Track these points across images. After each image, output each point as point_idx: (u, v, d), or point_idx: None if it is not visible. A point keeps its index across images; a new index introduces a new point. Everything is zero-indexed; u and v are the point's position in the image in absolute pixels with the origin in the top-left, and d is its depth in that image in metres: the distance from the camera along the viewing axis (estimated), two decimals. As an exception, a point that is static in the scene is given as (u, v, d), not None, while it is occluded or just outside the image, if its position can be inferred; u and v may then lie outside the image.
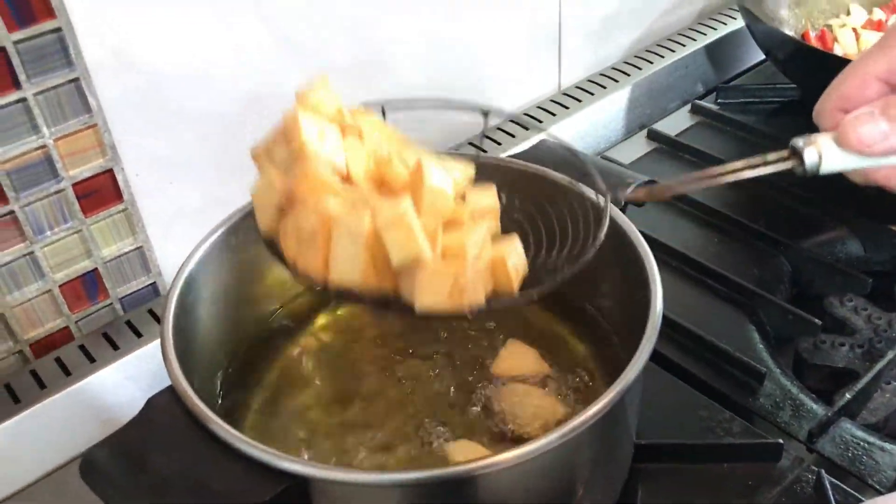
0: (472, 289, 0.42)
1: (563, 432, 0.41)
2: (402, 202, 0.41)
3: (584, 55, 0.96)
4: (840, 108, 0.46)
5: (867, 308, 0.70)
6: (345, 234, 0.41)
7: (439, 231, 0.43)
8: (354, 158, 0.45)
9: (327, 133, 0.45)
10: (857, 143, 0.42)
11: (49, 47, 0.57)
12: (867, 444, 0.58)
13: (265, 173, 0.45)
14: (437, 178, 0.43)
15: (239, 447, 0.41)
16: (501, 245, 0.46)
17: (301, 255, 0.43)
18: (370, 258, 0.41)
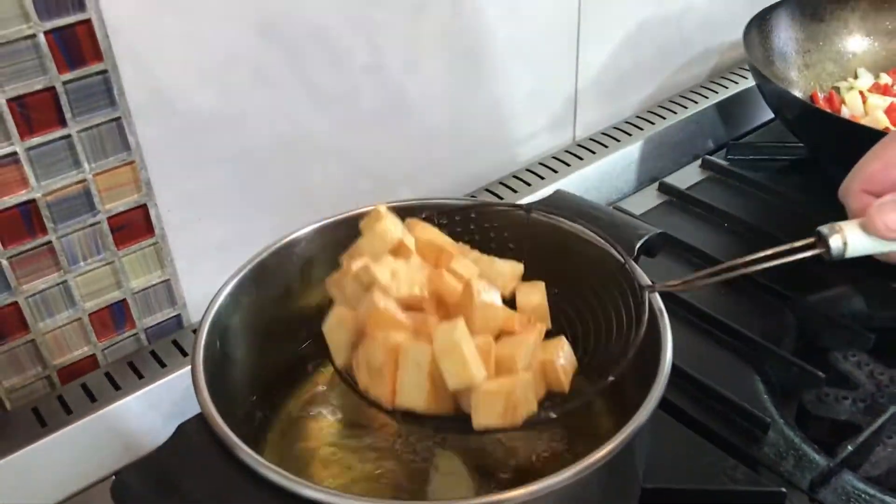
0: (525, 402, 0.46)
1: (573, 472, 0.42)
2: (457, 329, 0.45)
3: (599, 109, 0.99)
4: (865, 189, 0.49)
5: (870, 363, 0.71)
6: (412, 364, 0.45)
7: (492, 345, 0.47)
8: (411, 282, 0.49)
9: (390, 267, 0.49)
10: (884, 229, 0.45)
11: (95, 88, 0.61)
12: (868, 496, 0.59)
13: (336, 310, 0.50)
14: (486, 295, 0.48)
15: (265, 474, 0.43)
16: (550, 346, 0.49)
17: (372, 384, 0.47)
18: (432, 383, 0.46)
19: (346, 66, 0.74)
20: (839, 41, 1.02)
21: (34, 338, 0.65)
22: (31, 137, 0.59)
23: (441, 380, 0.45)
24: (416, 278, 0.50)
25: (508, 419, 0.45)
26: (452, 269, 0.50)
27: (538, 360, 0.48)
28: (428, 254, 0.52)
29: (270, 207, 0.74)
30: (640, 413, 0.46)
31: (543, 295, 0.52)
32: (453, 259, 0.51)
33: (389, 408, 0.47)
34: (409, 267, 0.50)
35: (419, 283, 0.50)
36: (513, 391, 0.45)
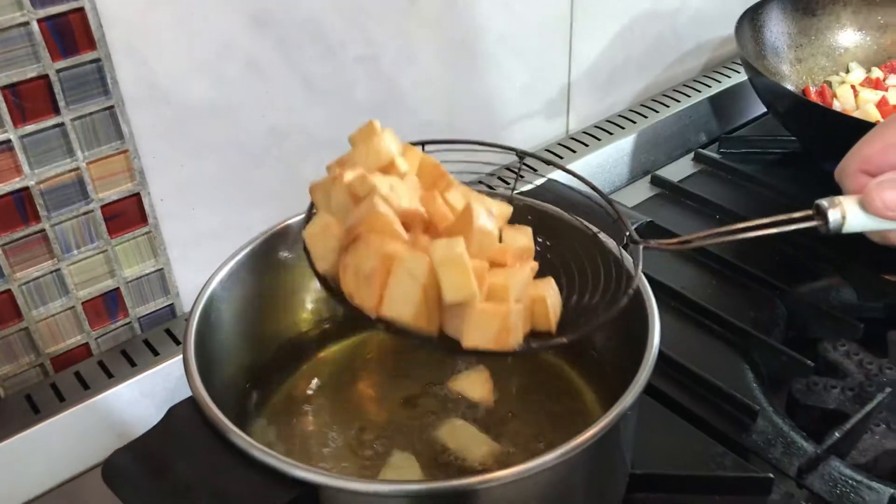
0: (516, 329, 0.45)
1: (559, 453, 0.43)
2: (459, 243, 0.43)
3: (592, 102, 1.00)
4: (862, 170, 0.49)
5: (859, 353, 0.72)
6: (405, 273, 0.44)
7: (487, 270, 0.46)
8: (409, 197, 0.47)
9: (387, 181, 0.47)
10: (882, 208, 0.45)
11: (88, 76, 0.61)
12: (855, 482, 0.60)
13: (321, 217, 0.48)
14: (485, 220, 0.46)
15: (255, 455, 0.43)
16: (541, 285, 0.48)
17: (358, 290, 0.45)
18: (424, 296, 0.44)
19: (340, 57, 0.74)
20: (831, 35, 1.03)
21: (27, 325, 0.65)
22: (24, 125, 0.59)
23: (432, 295, 0.44)
24: (413, 196, 0.48)
25: (501, 343, 0.44)
26: (446, 197, 0.49)
27: (528, 296, 0.47)
28: (423, 178, 0.50)
29: (264, 198, 0.75)
30: (627, 396, 0.46)
31: (530, 238, 0.51)
32: (450, 188, 0.50)
33: (373, 316, 0.45)
34: (405, 184, 0.48)
35: (416, 200, 0.48)
36: (508, 315, 0.44)
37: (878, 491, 0.59)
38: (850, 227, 0.46)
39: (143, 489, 0.44)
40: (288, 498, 0.42)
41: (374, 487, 0.43)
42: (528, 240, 0.51)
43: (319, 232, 0.47)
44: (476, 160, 0.57)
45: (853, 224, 0.46)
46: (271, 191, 0.75)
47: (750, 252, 0.82)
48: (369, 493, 0.43)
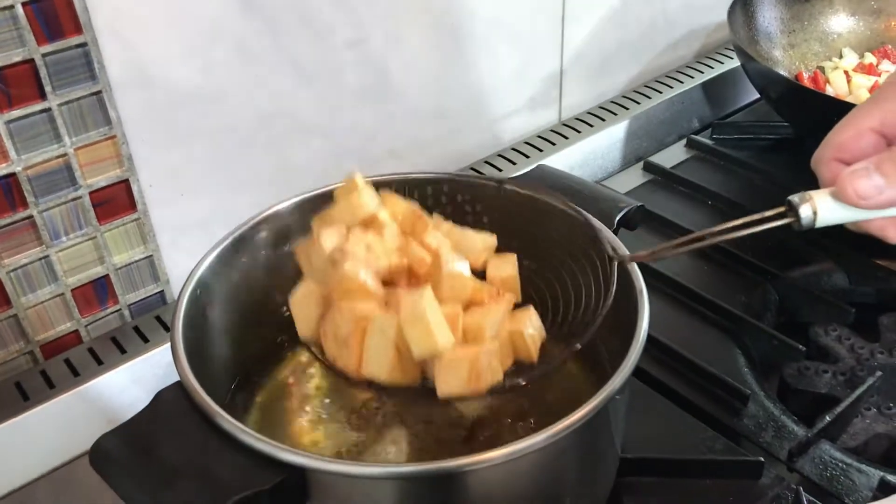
0: (490, 370, 0.46)
1: (548, 434, 0.43)
2: (421, 299, 0.45)
3: (585, 88, 0.99)
4: (836, 157, 0.49)
5: (850, 338, 0.72)
6: (377, 333, 0.46)
7: (459, 314, 0.47)
8: (387, 254, 0.49)
9: (364, 241, 0.49)
10: (854, 197, 0.45)
11: (74, 61, 0.60)
12: (845, 465, 0.60)
13: (304, 284, 0.50)
14: (455, 265, 0.48)
15: (242, 439, 0.43)
16: (518, 315, 0.50)
17: (339, 354, 0.47)
18: (397, 353, 0.46)
19: (329, 42, 0.74)
20: (824, 21, 1.03)
21: (16, 313, 0.65)
22: (10, 110, 0.59)
23: (407, 349, 0.45)
24: (391, 251, 0.50)
25: (472, 386, 0.45)
26: (424, 241, 0.50)
27: (507, 330, 0.49)
28: (402, 224, 0.52)
29: (253, 184, 0.74)
30: (615, 379, 0.46)
31: (514, 267, 0.53)
32: (427, 231, 0.51)
33: (356, 378, 0.47)
34: (383, 241, 0.50)
35: (394, 255, 0.50)
36: (477, 359, 0.45)
37: (868, 474, 0.59)
38: (822, 221, 0.46)
39: (130, 472, 0.43)
40: (275, 480, 0.42)
41: (361, 470, 0.43)
42: (513, 269, 0.53)
43: (302, 299, 0.49)
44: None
45: (826, 218, 0.46)
46: (260, 176, 0.75)
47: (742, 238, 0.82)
48: (357, 476, 0.43)
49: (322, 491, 0.43)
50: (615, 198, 0.64)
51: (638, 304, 0.52)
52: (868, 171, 0.45)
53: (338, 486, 0.43)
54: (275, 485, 0.42)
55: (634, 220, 0.63)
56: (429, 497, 0.44)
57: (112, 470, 0.44)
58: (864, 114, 0.48)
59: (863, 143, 0.48)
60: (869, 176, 0.44)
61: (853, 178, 0.45)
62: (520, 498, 0.46)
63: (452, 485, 0.44)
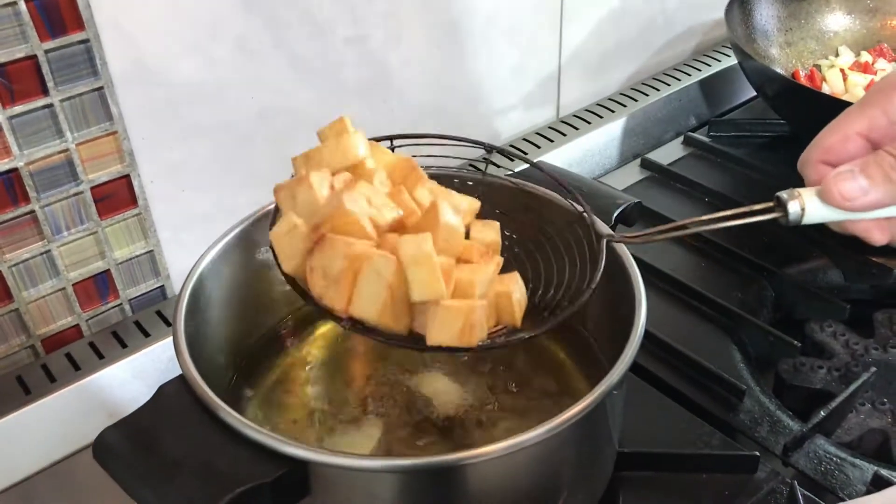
0: (480, 325, 0.46)
1: (546, 428, 0.43)
2: (427, 241, 0.44)
3: (583, 85, 1.00)
4: (823, 160, 0.49)
5: (845, 334, 0.73)
6: (373, 273, 0.44)
7: (454, 267, 0.46)
8: (380, 206, 0.48)
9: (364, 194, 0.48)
10: (839, 198, 0.45)
11: (77, 57, 0.61)
12: (839, 460, 0.60)
13: (287, 217, 0.48)
14: (451, 217, 0.47)
15: (244, 432, 0.44)
16: (506, 279, 0.49)
17: (326, 291, 0.46)
18: (391, 296, 0.45)
19: (329, 38, 0.74)
20: (820, 19, 1.03)
21: (18, 307, 0.66)
22: (13, 106, 0.59)
23: (400, 294, 0.45)
24: (388, 206, 0.48)
25: (464, 339, 0.45)
26: (415, 194, 0.50)
27: (494, 291, 0.48)
28: (393, 175, 0.51)
29: (254, 179, 0.75)
30: (613, 373, 0.47)
31: (497, 232, 0.52)
32: (419, 184, 0.50)
33: (343, 316, 0.46)
34: (380, 195, 0.49)
35: (390, 210, 0.48)
36: (472, 311, 0.44)
37: (862, 468, 0.60)
38: (809, 218, 0.47)
39: (133, 465, 0.44)
40: (277, 473, 0.42)
41: (362, 463, 0.44)
42: (496, 234, 0.52)
43: (286, 233, 0.47)
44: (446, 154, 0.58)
45: (812, 215, 0.47)
46: (260, 172, 0.74)
47: (738, 234, 0.83)
48: (358, 469, 0.43)
49: (323, 484, 0.44)
50: (613, 194, 0.64)
51: (635, 299, 0.52)
52: (853, 174, 0.45)
53: (339, 479, 0.44)
54: (276, 478, 0.42)
55: (632, 216, 0.63)
56: (429, 490, 0.45)
57: (115, 463, 0.44)
58: (851, 118, 0.49)
59: (849, 147, 0.48)
60: (854, 178, 0.45)
61: (838, 179, 0.45)
62: (518, 491, 0.46)
63: (452, 478, 0.44)
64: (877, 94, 0.49)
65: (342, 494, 0.45)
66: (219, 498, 0.41)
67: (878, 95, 0.49)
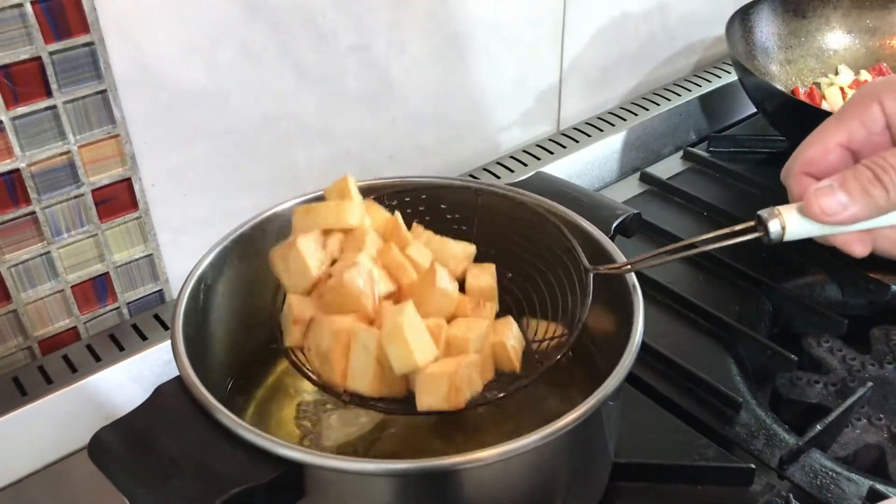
0: (469, 384, 0.47)
1: (540, 435, 0.43)
2: (401, 314, 0.46)
3: (583, 98, 1.00)
4: (806, 172, 0.50)
5: (842, 349, 0.73)
6: (360, 348, 0.47)
7: (443, 327, 0.49)
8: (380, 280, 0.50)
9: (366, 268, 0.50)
10: (820, 213, 0.46)
11: (81, 60, 0.61)
12: (835, 474, 0.60)
13: (287, 298, 0.51)
14: (446, 282, 0.50)
15: (240, 434, 0.44)
16: (499, 326, 0.51)
17: (322, 368, 0.49)
18: (380, 367, 0.47)
19: (332, 45, 0.75)
20: (821, 37, 1.04)
21: (16, 308, 0.66)
22: (16, 107, 0.60)
23: (388, 364, 0.47)
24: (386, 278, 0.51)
25: (452, 402, 0.46)
26: (407, 253, 0.52)
27: (489, 343, 0.50)
28: (381, 233, 0.54)
29: (255, 185, 0.75)
30: (608, 383, 0.47)
31: (493, 277, 0.54)
32: (409, 244, 0.52)
33: (340, 391, 0.48)
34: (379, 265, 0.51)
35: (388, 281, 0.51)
36: (456, 373, 0.46)
37: (858, 482, 0.60)
38: (790, 235, 0.47)
39: (128, 465, 0.44)
40: (272, 475, 0.42)
41: (357, 466, 0.44)
42: (491, 279, 0.54)
43: (286, 310, 0.51)
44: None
45: (794, 233, 0.47)
46: (262, 178, 0.75)
47: (737, 248, 0.83)
48: (353, 472, 0.43)
49: (318, 486, 0.44)
50: (613, 205, 0.64)
51: (633, 311, 0.52)
52: (832, 189, 0.46)
53: (334, 482, 0.44)
54: (271, 479, 0.42)
55: (631, 227, 0.64)
56: (424, 494, 0.45)
57: (110, 462, 0.44)
58: (831, 130, 0.49)
59: (830, 158, 0.49)
60: (833, 193, 0.46)
61: (819, 195, 0.46)
62: (513, 497, 0.46)
63: (447, 482, 0.44)
64: (855, 105, 0.49)
65: (337, 497, 0.44)
66: (213, 499, 0.41)
67: (856, 107, 0.49)
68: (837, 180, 0.46)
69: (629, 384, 0.66)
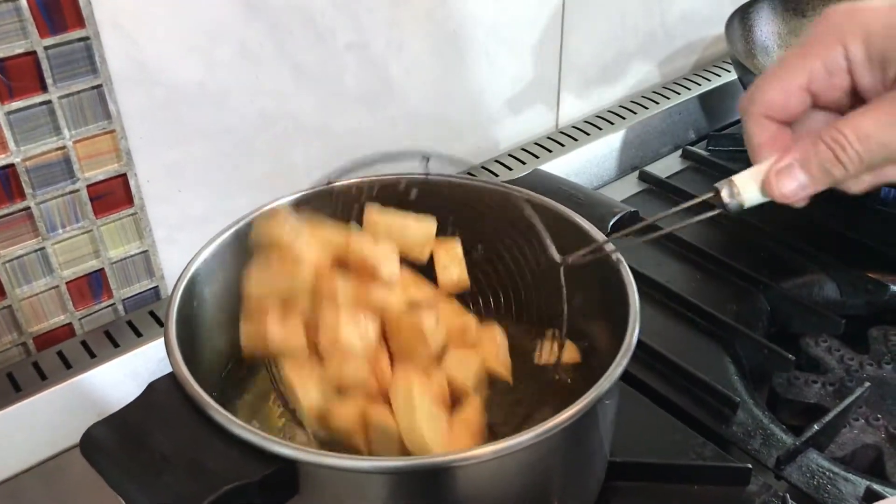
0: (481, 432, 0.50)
1: (535, 433, 0.43)
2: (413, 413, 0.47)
3: (582, 97, 1.00)
4: (765, 114, 0.48)
5: (840, 349, 0.72)
6: (380, 432, 0.48)
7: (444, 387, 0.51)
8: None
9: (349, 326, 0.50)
10: (780, 196, 0.46)
11: (76, 54, 0.61)
12: (832, 474, 0.60)
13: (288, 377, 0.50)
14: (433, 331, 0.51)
15: (233, 430, 0.43)
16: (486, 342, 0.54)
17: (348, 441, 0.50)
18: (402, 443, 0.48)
19: (330, 44, 0.75)
20: (820, 36, 1.03)
21: (10, 304, 0.65)
22: (11, 101, 0.59)
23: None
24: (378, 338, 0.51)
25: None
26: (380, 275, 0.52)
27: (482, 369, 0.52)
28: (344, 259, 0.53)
29: (251, 183, 0.75)
30: (603, 381, 0.46)
31: (462, 264, 0.55)
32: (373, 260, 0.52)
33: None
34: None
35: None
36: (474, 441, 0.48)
37: (855, 483, 0.59)
38: (749, 205, 0.47)
39: (120, 461, 0.43)
40: (266, 472, 0.42)
41: (351, 463, 0.43)
42: (461, 268, 0.56)
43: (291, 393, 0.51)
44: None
45: (752, 202, 0.47)
46: (258, 176, 0.75)
47: (735, 247, 0.83)
48: (346, 469, 0.43)
49: (311, 483, 0.44)
50: (610, 203, 0.64)
51: (629, 309, 0.52)
52: (792, 171, 0.45)
53: (327, 479, 0.44)
54: (264, 476, 0.42)
55: (629, 225, 0.63)
56: (418, 491, 0.44)
57: (102, 458, 0.44)
58: (791, 70, 0.47)
59: (792, 102, 0.47)
60: (794, 177, 0.45)
61: (780, 177, 0.45)
62: (508, 495, 0.46)
63: (441, 480, 0.44)
64: (818, 43, 0.47)
65: (330, 494, 0.44)
66: (205, 495, 0.41)
67: (820, 46, 0.47)
68: (798, 159, 0.45)
69: (625, 383, 0.66)
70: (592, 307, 0.58)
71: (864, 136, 0.44)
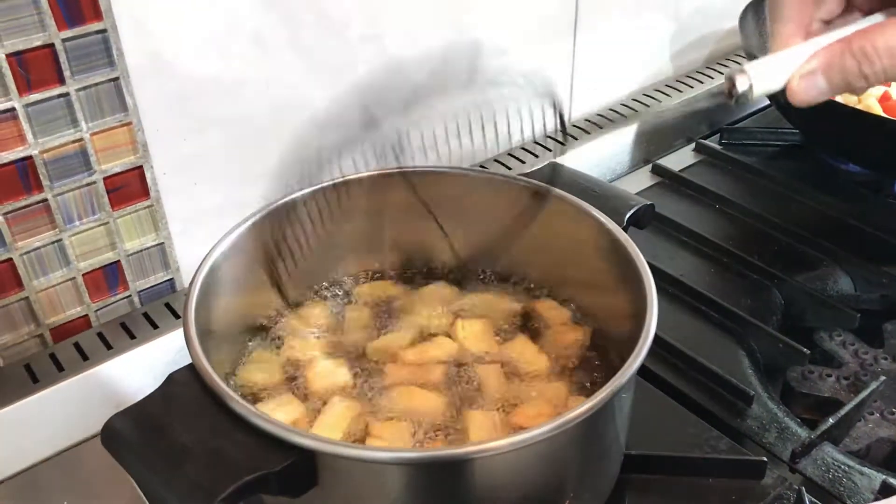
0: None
1: (553, 426, 0.43)
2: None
3: (595, 91, 1.00)
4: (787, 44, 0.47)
5: (854, 343, 0.72)
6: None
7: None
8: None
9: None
10: (800, 102, 0.45)
11: (94, 47, 0.61)
12: (847, 467, 0.60)
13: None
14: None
15: (253, 421, 0.44)
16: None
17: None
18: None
19: (344, 36, 0.75)
20: (835, 29, 1.03)
21: (28, 295, 0.66)
22: (29, 94, 0.60)
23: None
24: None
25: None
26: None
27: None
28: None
29: (266, 175, 0.74)
30: (621, 375, 0.47)
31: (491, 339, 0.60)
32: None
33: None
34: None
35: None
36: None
37: (870, 476, 0.59)
38: (758, 92, 0.46)
39: (140, 452, 0.44)
40: (285, 463, 0.42)
41: (370, 454, 0.44)
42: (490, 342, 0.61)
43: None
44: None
45: (761, 89, 0.46)
46: (273, 168, 0.75)
47: (749, 241, 0.83)
48: (366, 460, 0.43)
49: (331, 474, 0.44)
50: (625, 196, 0.64)
51: (646, 303, 0.52)
52: (815, 78, 0.44)
53: (346, 470, 0.44)
54: (284, 467, 0.42)
55: (644, 219, 0.63)
56: (436, 482, 0.45)
57: (122, 449, 0.44)
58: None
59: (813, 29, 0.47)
60: (815, 84, 0.44)
61: (803, 83, 0.45)
62: (525, 486, 0.46)
63: (459, 471, 0.44)
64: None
65: (350, 485, 0.44)
66: (225, 486, 0.41)
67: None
68: (823, 67, 0.44)
69: (641, 376, 0.66)
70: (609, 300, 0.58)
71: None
